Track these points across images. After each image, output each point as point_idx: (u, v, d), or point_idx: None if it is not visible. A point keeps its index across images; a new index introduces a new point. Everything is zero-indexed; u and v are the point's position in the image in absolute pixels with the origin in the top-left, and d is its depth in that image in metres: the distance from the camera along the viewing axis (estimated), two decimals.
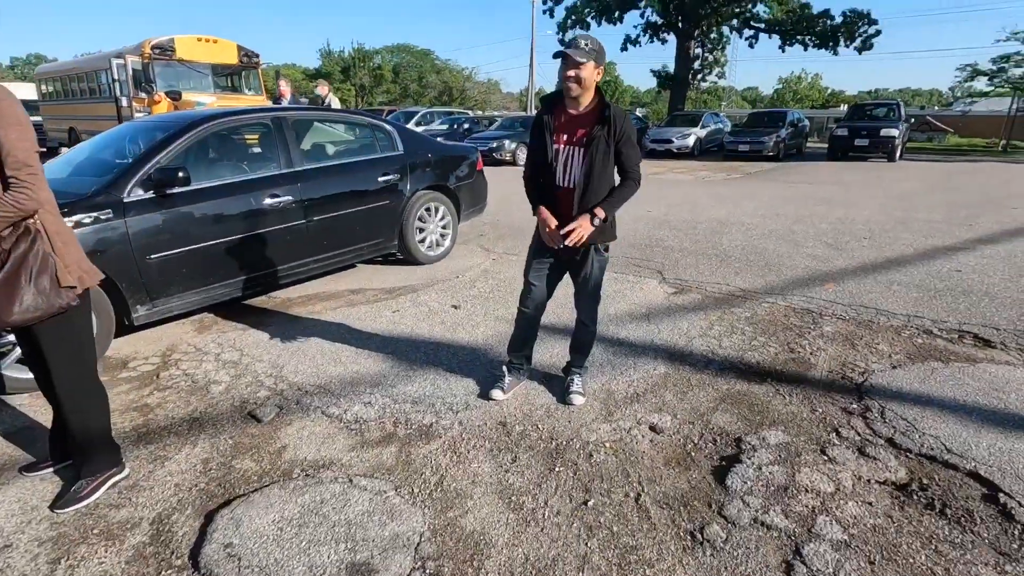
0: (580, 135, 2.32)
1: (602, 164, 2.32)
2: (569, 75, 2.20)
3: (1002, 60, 31.19)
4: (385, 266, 5.16)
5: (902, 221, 6.80)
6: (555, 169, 2.39)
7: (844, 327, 3.64)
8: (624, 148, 2.33)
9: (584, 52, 2.17)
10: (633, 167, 2.39)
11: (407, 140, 4.89)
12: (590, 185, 2.33)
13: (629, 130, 2.33)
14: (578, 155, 2.33)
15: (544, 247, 2.53)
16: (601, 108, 2.31)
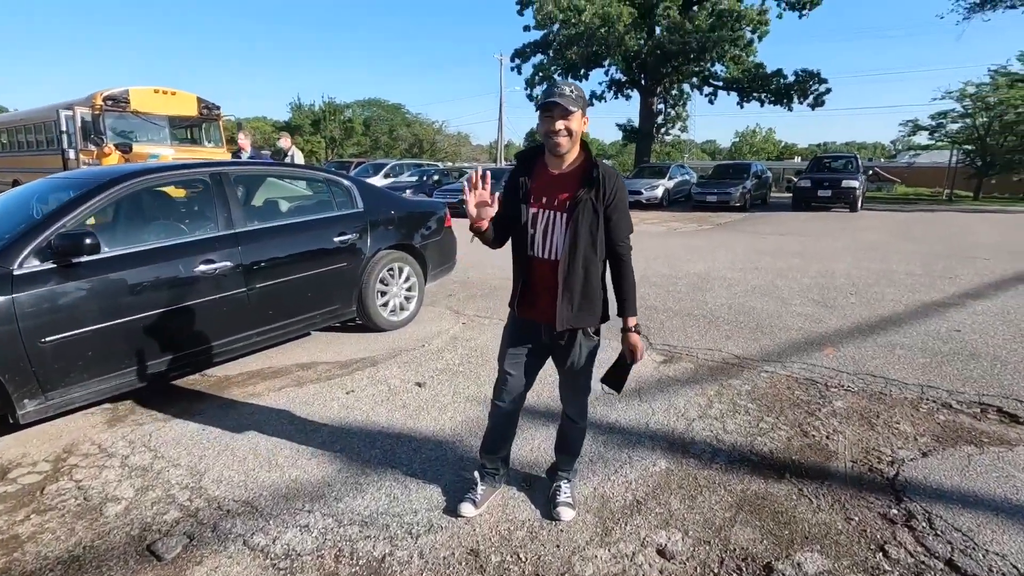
0: (563, 198, 1.92)
1: (589, 234, 1.92)
2: (558, 128, 1.83)
3: (940, 116, 33.40)
4: (343, 333, 4.63)
5: (883, 275, 6.65)
6: (531, 236, 1.98)
7: (855, 401, 3.26)
8: (614, 215, 1.94)
9: (573, 100, 1.81)
10: (623, 239, 2.00)
11: (367, 196, 4.47)
12: (575, 259, 1.92)
13: (621, 193, 1.95)
14: (560, 221, 1.93)
15: (521, 334, 2.10)
16: (588, 167, 1.93)
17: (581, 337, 2.05)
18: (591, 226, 1.92)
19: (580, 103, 1.83)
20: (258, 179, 4.13)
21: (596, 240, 1.94)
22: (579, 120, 1.85)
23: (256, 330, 3.63)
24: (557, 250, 1.94)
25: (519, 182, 1.98)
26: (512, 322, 2.13)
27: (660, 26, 23.31)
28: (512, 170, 2.06)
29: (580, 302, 1.98)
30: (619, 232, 1.98)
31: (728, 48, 22.84)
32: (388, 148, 55.40)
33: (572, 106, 1.80)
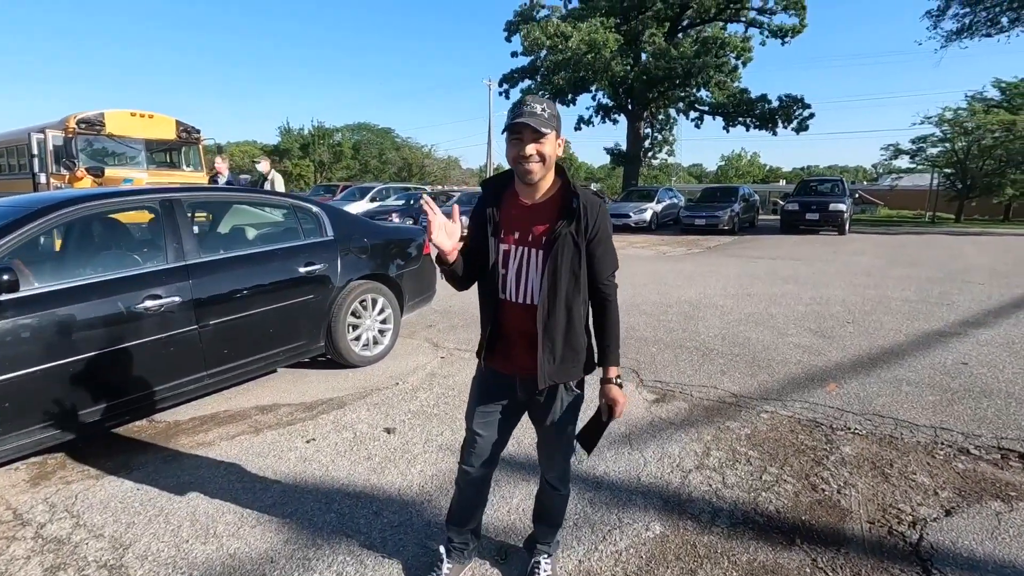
0: (539, 233, 1.65)
1: (571, 273, 1.65)
2: (528, 154, 1.56)
3: (920, 141, 34.11)
4: (311, 369, 4.29)
5: (879, 301, 6.44)
6: (502, 276, 1.70)
7: (865, 447, 2.99)
8: (598, 249, 1.67)
9: (545, 120, 1.55)
10: (608, 277, 1.72)
11: (338, 223, 4.19)
12: (556, 302, 1.65)
13: (605, 224, 1.68)
14: (536, 259, 1.66)
15: (492, 388, 1.81)
16: (566, 195, 1.66)
17: (562, 391, 1.76)
18: (572, 264, 1.64)
19: (553, 123, 1.57)
20: (217, 206, 3.84)
21: (579, 279, 1.67)
22: (553, 143, 1.59)
23: (209, 371, 3.29)
24: (534, 293, 1.67)
25: (487, 214, 1.71)
26: (481, 375, 1.84)
27: (646, 52, 23.62)
28: (479, 200, 1.79)
29: (563, 352, 1.70)
30: (603, 269, 1.70)
31: (713, 74, 23.14)
32: (377, 172, 55.45)
33: (544, 127, 1.54)
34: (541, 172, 1.60)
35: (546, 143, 1.57)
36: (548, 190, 1.68)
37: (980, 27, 20.35)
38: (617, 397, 1.73)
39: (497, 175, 1.76)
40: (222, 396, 3.78)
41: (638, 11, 24.39)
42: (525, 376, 1.72)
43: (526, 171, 1.59)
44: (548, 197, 1.68)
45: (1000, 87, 33.10)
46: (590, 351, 1.79)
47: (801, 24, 23.87)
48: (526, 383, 1.74)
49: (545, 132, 1.54)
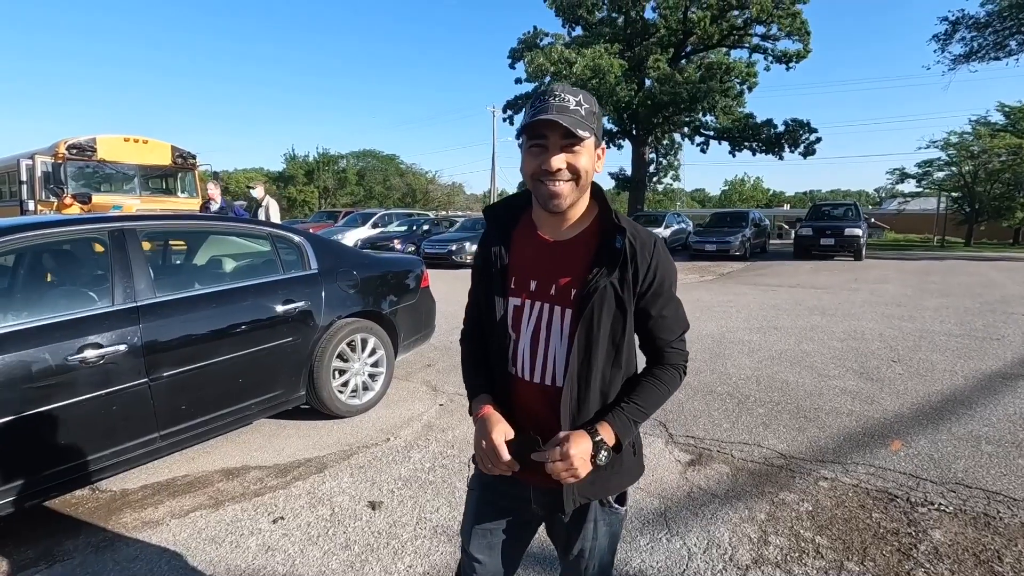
0: (564, 283, 1.14)
1: (611, 343, 1.14)
2: (555, 168, 1.05)
3: (927, 165, 33.94)
4: (290, 420, 3.76)
5: (921, 336, 5.89)
6: (513, 343, 1.19)
7: (958, 531, 2.42)
8: (657, 306, 1.16)
9: (580, 118, 1.04)
10: (675, 341, 1.21)
11: (323, 254, 3.71)
12: (589, 386, 1.14)
13: (666, 272, 1.16)
14: (561, 322, 1.14)
15: (495, 498, 1.29)
16: (606, 228, 1.15)
17: (596, 509, 1.23)
18: (614, 330, 1.13)
19: (592, 122, 1.07)
20: (180, 236, 3.37)
21: (621, 352, 1.16)
22: (591, 152, 1.09)
23: (163, 432, 2.77)
24: (556, 370, 1.15)
25: (491, 254, 1.22)
26: (481, 478, 1.32)
27: (650, 78, 23.50)
28: (483, 236, 1.29)
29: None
30: (668, 331, 1.19)
31: (718, 99, 22.97)
32: (382, 198, 55.60)
33: (580, 128, 1.03)
34: (573, 196, 1.10)
35: (582, 152, 1.07)
36: (580, 220, 1.17)
37: (988, 51, 20.13)
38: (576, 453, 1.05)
39: (508, 199, 1.26)
40: (185, 456, 3.25)
41: (642, 38, 24.44)
42: (543, 487, 1.19)
43: (552, 194, 1.08)
44: (580, 231, 1.17)
45: (1004, 111, 33.02)
46: (638, 446, 1.27)
47: (805, 49, 23.79)
48: (545, 496, 1.21)
49: (581, 136, 1.04)
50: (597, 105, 1.11)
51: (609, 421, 1.13)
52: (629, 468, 1.23)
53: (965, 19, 19.88)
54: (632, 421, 1.15)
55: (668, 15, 23.54)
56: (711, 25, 23.03)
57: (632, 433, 1.17)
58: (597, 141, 1.11)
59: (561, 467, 1.06)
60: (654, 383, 1.19)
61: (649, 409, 1.18)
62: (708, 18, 22.56)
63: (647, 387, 1.18)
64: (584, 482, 1.15)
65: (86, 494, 2.86)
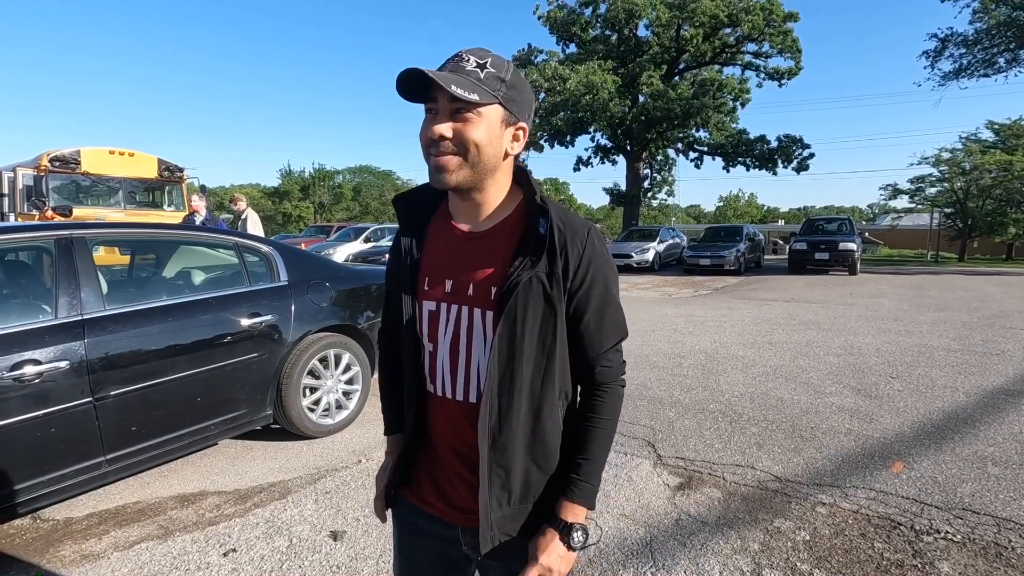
0: (483, 279, 0.96)
1: (539, 346, 0.95)
2: (435, 134, 0.88)
3: (919, 181, 34.23)
4: (259, 441, 3.56)
5: (919, 351, 5.72)
6: (429, 356, 1.00)
7: (969, 563, 2.22)
8: (589, 306, 0.97)
9: (473, 82, 0.86)
10: (609, 352, 1.01)
11: (294, 265, 3.54)
12: (513, 399, 0.95)
13: (600, 264, 0.96)
14: (482, 326, 0.95)
15: (419, 541, 1.09)
16: (531, 215, 0.96)
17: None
18: (542, 331, 0.94)
19: (496, 87, 0.88)
20: (136, 244, 3.19)
21: (554, 358, 0.96)
22: (492, 125, 0.90)
23: (109, 456, 2.56)
24: (480, 385, 0.96)
25: (401, 251, 1.04)
26: (401, 514, 1.13)
27: (643, 94, 23.62)
28: (396, 233, 1.10)
29: (526, 488, 0.99)
30: (599, 338, 0.99)
31: (711, 114, 23.08)
32: (378, 213, 55.60)
33: (469, 91, 0.85)
34: (461, 173, 0.90)
35: (474, 122, 0.87)
36: (500, 208, 0.99)
37: (977, 68, 20.33)
38: (553, 566, 0.95)
39: (420, 187, 1.07)
40: (139, 480, 3.04)
41: (635, 55, 24.61)
42: (471, 526, 1.00)
43: (435, 167, 0.90)
44: (500, 220, 0.99)
45: (994, 129, 33.41)
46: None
47: (797, 66, 24.03)
48: (473, 536, 1.00)
49: (470, 99, 0.84)
50: (516, 74, 0.92)
51: (570, 499, 0.97)
52: None
53: (954, 37, 20.11)
54: (592, 484, 0.99)
55: (661, 33, 23.76)
56: (704, 43, 23.26)
57: (596, 493, 1.00)
58: (509, 114, 0.91)
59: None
60: (597, 423, 1.00)
61: (603, 456, 1.01)
62: (700, 36, 22.78)
63: (592, 434, 1.00)
64: (506, 517, 0.97)
65: (26, 523, 2.64)
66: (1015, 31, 18.60)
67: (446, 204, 1.02)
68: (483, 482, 0.94)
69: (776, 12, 22.38)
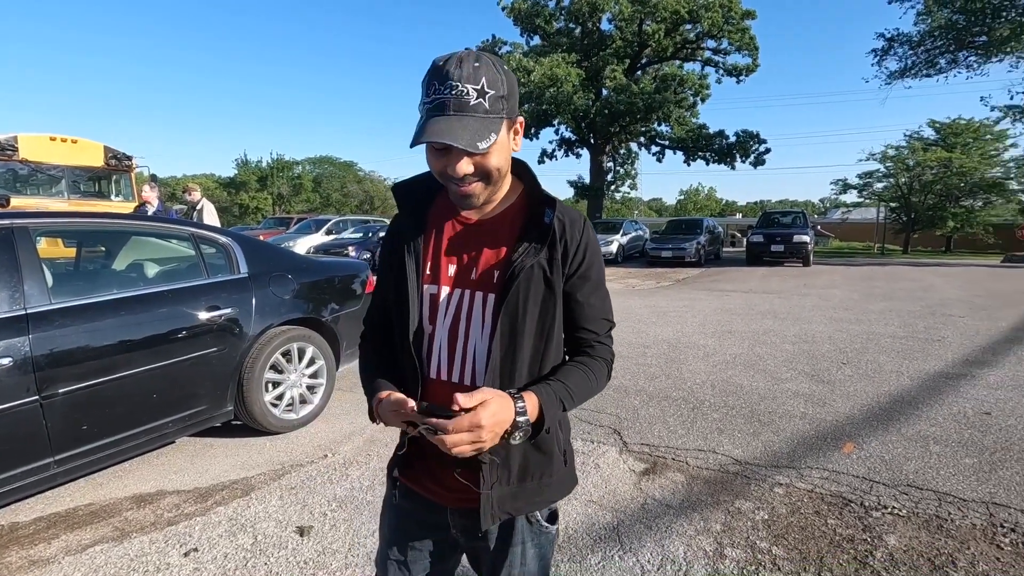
0: (487, 266, 0.99)
1: (538, 330, 0.98)
2: (459, 173, 0.90)
3: (867, 176, 35.77)
4: (219, 437, 3.46)
5: (868, 338, 6.01)
6: (429, 338, 1.01)
7: (912, 534, 2.36)
8: (583, 290, 1.02)
9: (485, 117, 0.86)
10: (600, 330, 1.06)
11: (255, 257, 3.44)
12: (513, 383, 0.97)
13: (594, 252, 1.03)
14: (482, 309, 0.98)
15: (410, 521, 1.10)
16: (533, 203, 1.01)
17: (523, 528, 1.06)
18: (542, 315, 0.98)
19: (502, 108, 0.89)
20: (86, 236, 3.04)
21: (551, 340, 1.00)
22: (504, 146, 0.92)
23: (58, 457, 2.45)
24: (477, 367, 0.98)
25: (402, 238, 1.04)
26: (394, 500, 1.12)
27: (607, 88, 23.87)
28: (393, 218, 1.11)
29: (524, 463, 1.02)
30: (593, 316, 1.04)
31: (673, 109, 23.51)
32: (339, 205, 54.48)
33: (483, 139, 0.86)
34: (487, 192, 0.95)
35: (493, 151, 0.89)
36: (504, 198, 1.02)
37: (920, 68, 21.30)
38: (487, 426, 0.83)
39: (421, 175, 1.08)
40: (92, 481, 2.91)
41: (598, 48, 24.81)
42: (461, 507, 1.03)
43: (462, 195, 0.94)
44: (504, 208, 1.02)
45: (935, 127, 35.19)
46: (569, 455, 1.10)
47: (754, 63, 24.68)
48: (464, 517, 1.03)
49: (488, 139, 0.86)
50: (507, 77, 0.91)
51: (536, 392, 0.93)
52: (560, 480, 1.07)
53: (900, 37, 20.99)
54: (560, 401, 0.96)
55: (624, 27, 24.00)
56: (665, 38, 23.62)
57: (556, 416, 0.97)
58: (510, 125, 0.93)
59: (464, 436, 0.83)
60: (584, 369, 1.02)
61: (576, 395, 0.99)
62: (662, 31, 23.12)
63: (576, 372, 1.01)
64: (506, 495, 0.99)
65: None
66: (954, 34, 19.57)
67: (446, 192, 1.01)
68: (484, 466, 0.96)
69: (735, 9, 22.91)
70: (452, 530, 1.06)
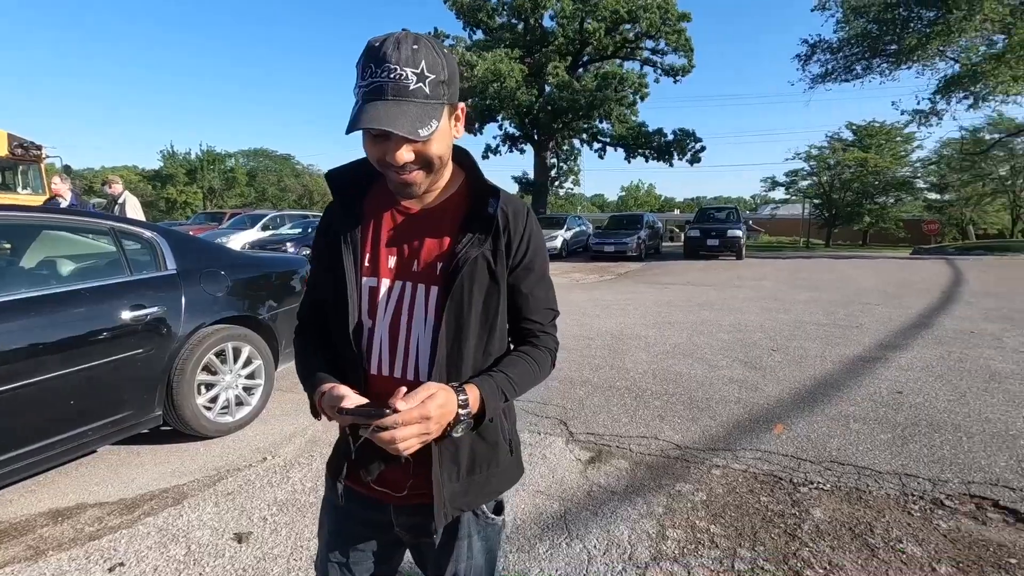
0: (429, 257, 0.97)
1: (483, 322, 0.98)
2: (399, 161, 0.87)
3: (793, 174, 37.97)
4: (147, 445, 3.25)
5: (795, 326, 6.38)
6: (369, 333, 0.98)
7: (836, 507, 2.53)
8: (528, 282, 1.02)
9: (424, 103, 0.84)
10: (544, 320, 1.06)
11: (183, 252, 3.25)
12: (460, 375, 0.96)
13: (538, 243, 1.03)
14: (424, 302, 0.97)
15: (351, 527, 1.07)
16: (476, 192, 1.00)
17: (470, 522, 1.05)
18: (487, 309, 0.98)
19: (443, 93, 0.87)
20: None
21: (494, 335, 1.00)
22: (445, 133, 0.91)
23: None
24: (420, 362, 0.97)
25: (338, 228, 1.01)
26: (334, 500, 1.09)
27: (550, 84, 24.07)
28: (327, 207, 1.07)
29: (472, 457, 1.01)
30: (537, 306, 1.04)
31: (613, 107, 24.00)
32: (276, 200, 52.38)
33: (424, 126, 0.83)
34: (428, 181, 0.93)
35: (434, 138, 0.87)
36: (445, 187, 1.01)
37: (840, 73, 22.76)
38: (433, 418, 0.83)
39: (357, 162, 1.05)
40: (1, 497, 2.67)
41: (541, 45, 24.96)
42: (406, 504, 1.01)
43: (402, 183, 0.91)
44: (446, 197, 1.01)
45: (853, 129, 37.80)
46: (515, 445, 1.11)
47: (690, 64, 25.56)
48: (408, 515, 1.02)
49: (431, 134, 0.85)
50: (447, 60, 0.88)
51: (477, 384, 0.92)
52: (507, 470, 1.07)
53: (822, 44, 22.32)
54: (501, 392, 0.95)
55: (566, 24, 24.26)
56: (605, 36, 24.05)
57: (499, 408, 0.97)
58: (452, 109, 0.92)
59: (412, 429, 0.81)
60: (527, 359, 1.02)
61: (519, 385, 0.99)
62: (603, 29, 23.53)
63: (519, 362, 1.01)
64: (457, 491, 0.98)
65: None
66: (869, 43, 21.03)
67: (384, 180, 0.98)
68: (434, 461, 0.95)
69: (671, 11, 23.63)
70: (396, 528, 1.04)
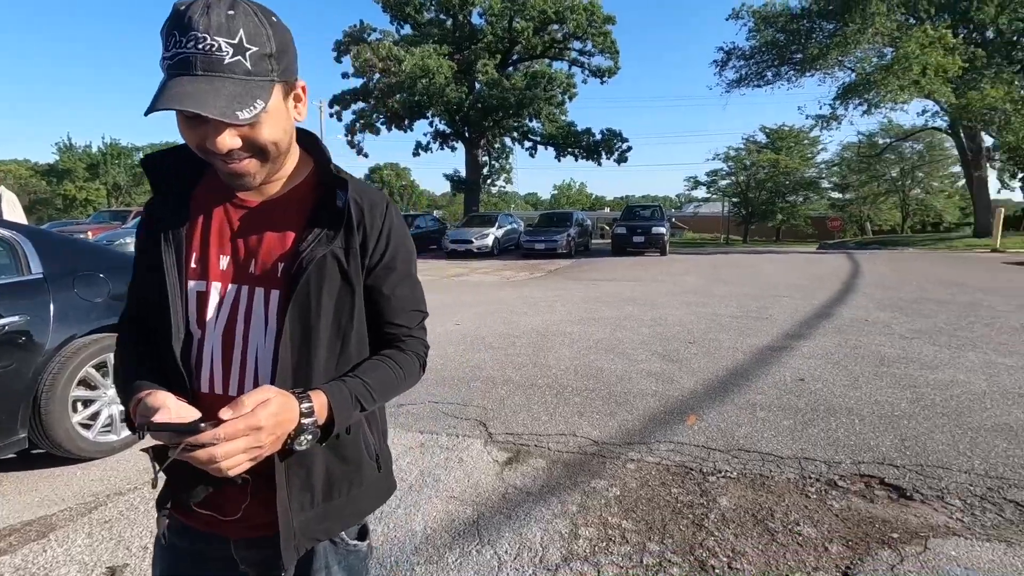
0: (269, 256, 0.86)
1: (335, 330, 0.87)
2: (221, 149, 0.74)
3: (713, 174, 40.01)
4: (6, 472, 2.88)
5: (712, 319, 6.65)
6: (197, 346, 0.86)
7: (740, 494, 2.62)
8: (389, 284, 0.92)
9: (244, 80, 0.71)
10: (411, 323, 0.96)
11: (52, 254, 2.90)
12: (309, 383, 0.84)
13: (400, 238, 0.93)
14: (264, 308, 0.85)
15: (183, 563, 0.93)
16: (324, 183, 0.89)
17: (328, 554, 0.94)
18: (339, 315, 0.87)
19: (268, 68, 0.74)
20: None
21: (349, 344, 0.89)
22: (278, 115, 0.78)
23: None
24: (260, 376, 0.85)
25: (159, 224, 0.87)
26: (162, 541, 0.94)
27: (479, 82, 24.00)
28: (147, 203, 0.92)
29: (328, 480, 0.90)
30: (402, 308, 0.94)
31: (543, 106, 24.27)
32: None
33: (247, 105, 0.71)
34: (264, 170, 0.81)
35: (263, 120, 0.75)
36: (291, 177, 0.89)
37: (752, 79, 24.13)
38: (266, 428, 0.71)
39: (180, 146, 0.89)
40: None
41: (470, 42, 24.84)
42: (248, 537, 0.89)
43: (232, 173, 0.78)
44: (291, 189, 0.89)
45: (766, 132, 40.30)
46: (384, 459, 1.00)
47: (616, 66, 26.30)
48: (254, 549, 0.89)
49: (252, 107, 0.72)
50: (275, 30, 0.75)
51: (325, 390, 0.81)
52: (373, 488, 0.97)
53: (736, 51, 23.57)
54: (356, 400, 0.84)
55: (494, 22, 24.25)
56: (534, 36, 24.27)
57: (351, 417, 0.85)
58: (288, 87, 0.79)
59: (239, 444, 0.69)
60: (388, 364, 0.92)
61: (379, 392, 0.88)
62: (531, 29, 23.72)
63: (379, 367, 0.90)
64: (309, 520, 0.87)
65: None
66: (777, 51, 22.42)
67: (212, 169, 0.84)
68: (280, 486, 0.82)
69: (597, 14, 24.17)
70: (241, 565, 0.92)
